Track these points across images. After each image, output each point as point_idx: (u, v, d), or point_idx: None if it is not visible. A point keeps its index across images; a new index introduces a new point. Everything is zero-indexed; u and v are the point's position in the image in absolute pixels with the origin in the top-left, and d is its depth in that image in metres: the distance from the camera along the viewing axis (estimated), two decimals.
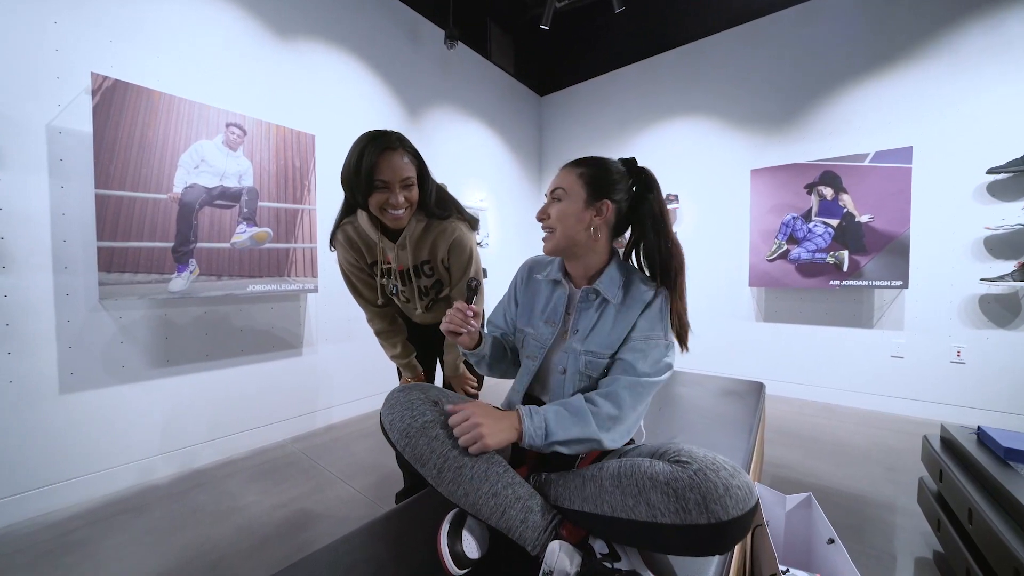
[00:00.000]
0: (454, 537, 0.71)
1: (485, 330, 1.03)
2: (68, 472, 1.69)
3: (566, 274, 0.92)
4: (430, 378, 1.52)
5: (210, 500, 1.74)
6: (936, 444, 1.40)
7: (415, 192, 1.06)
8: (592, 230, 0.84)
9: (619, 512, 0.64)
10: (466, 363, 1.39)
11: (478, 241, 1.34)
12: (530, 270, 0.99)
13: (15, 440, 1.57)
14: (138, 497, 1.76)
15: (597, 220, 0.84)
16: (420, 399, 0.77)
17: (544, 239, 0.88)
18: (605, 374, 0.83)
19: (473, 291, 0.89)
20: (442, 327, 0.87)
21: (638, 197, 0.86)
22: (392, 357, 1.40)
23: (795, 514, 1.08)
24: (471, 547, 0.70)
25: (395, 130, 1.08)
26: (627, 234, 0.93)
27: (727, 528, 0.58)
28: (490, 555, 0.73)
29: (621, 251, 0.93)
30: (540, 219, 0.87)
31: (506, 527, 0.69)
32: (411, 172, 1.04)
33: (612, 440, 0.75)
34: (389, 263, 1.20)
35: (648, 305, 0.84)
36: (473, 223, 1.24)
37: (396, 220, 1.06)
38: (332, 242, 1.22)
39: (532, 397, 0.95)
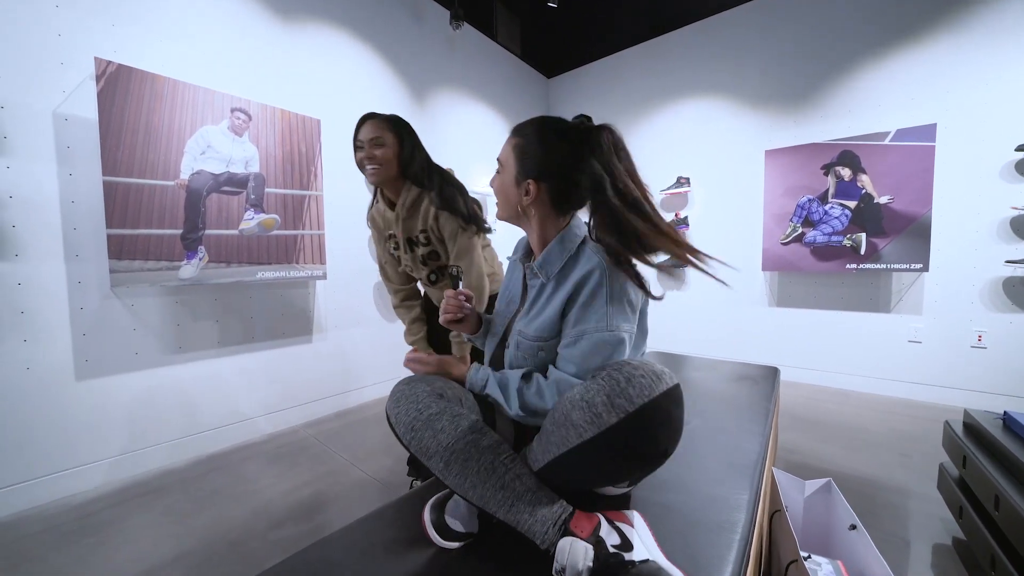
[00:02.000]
0: (437, 511, 0.73)
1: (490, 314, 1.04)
2: (88, 456, 1.72)
3: (527, 253, 0.89)
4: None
5: (226, 483, 1.77)
6: (959, 429, 1.36)
7: (385, 152, 1.24)
8: (520, 207, 0.80)
9: (560, 448, 0.64)
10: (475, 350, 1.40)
11: (486, 225, 1.38)
12: (513, 253, 0.98)
13: (35, 425, 1.60)
14: (156, 480, 1.80)
15: (525, 200, 0.79)
16: (425, 392, 0.75)
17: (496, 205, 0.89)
18: (546, 361, 0.79)
19: (456, 278, 0.94)
20: (440, 320, 0.90)
21: (584, 160, 0.74)
22: (404, 334, 1.53)
23: (814, 500, 1.06)
24: (456, 520, 0.72)
25: (401, 116, 1.28)
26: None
27: (641, 418, 0.57)
28: (490, 533, 0.74)
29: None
30: (491, 185, 0.87)
31: (515, 520, 0.66)
32: (380, 133, 1.23)
33: (536, 416, 0.77)
34: (395, 235, 1.37)
35: (579, 286, 0.73)
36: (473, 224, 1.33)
37: (373, 175, 1.25)
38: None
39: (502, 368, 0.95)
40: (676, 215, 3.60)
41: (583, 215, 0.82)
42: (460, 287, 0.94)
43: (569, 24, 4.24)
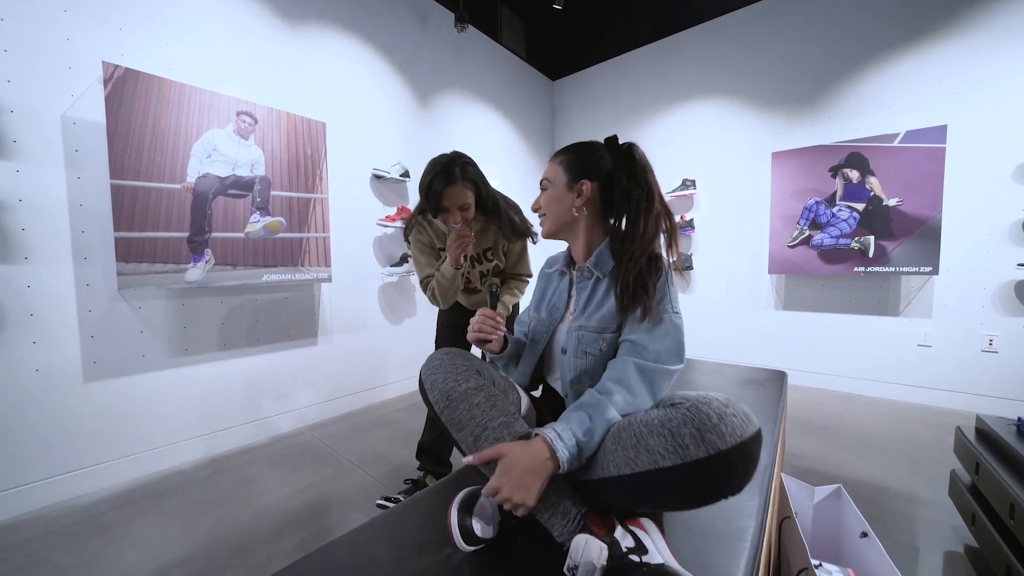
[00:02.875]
0: (464, 514, 0.71)
1: (513, 332, 1.09)
2: (96, 458, 1.73)
3: (570, 262, 0.96)
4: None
5: (232, 486, 1.78)
6: (971, 435, 1.34)
7: (471, 211, 1.33)
8: (575, 210, 0.87)
9: (624, 469, 0.63)
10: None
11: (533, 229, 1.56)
12: (545, 267, 1.04)
13: (43, 427, 1.61)
14: (163, 482, 1.80)
15: (578, 200, 0.86)
16: (465, 365, 0.79)
17: (540, 225, 0.96)
18: (609, 353, 0.81)
19: (495, 296, 0.96)
20: (469, 336, 0.91)
21: (617, 172, 0.85)
22: (438, 277, 1.44)
23: (824, 506, 1.05)
24: (483, 526, 0.70)
25: (458, 156, 1.31)
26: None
27: (728, 457, 0.56)
28: (502, 537, 0.72)
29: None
30: (534, 210, 0.95)
31: (537, 508, 0.67)
32: (468, 199, 1.30)
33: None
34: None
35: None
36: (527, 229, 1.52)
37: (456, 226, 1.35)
38: (407, 232, 1.51)
39: (538, 378, 0.98)
40: (682, 217, 3.58)
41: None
42: (497, 307, 0.95)
43: (574, 26, 4.24)
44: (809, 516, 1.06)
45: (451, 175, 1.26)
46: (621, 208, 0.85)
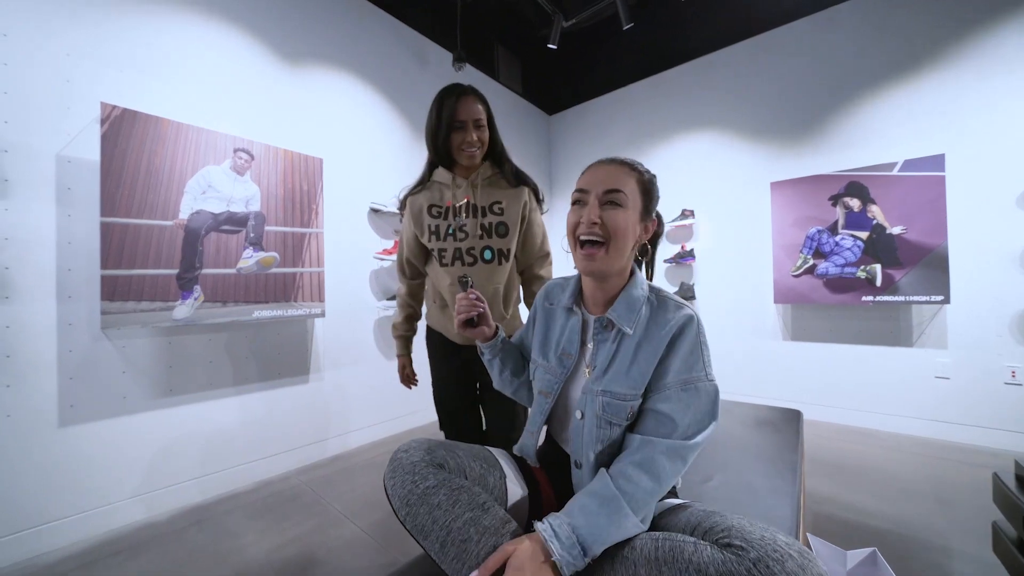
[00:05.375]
0: None
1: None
2: (64, 509, 1.62)
3: (579, 300, 0.82)
4: (466, 402, 1.37)
5: (208, 540, 1.65)
6: (1010, 482, 1.23)
7: (486, 134, 1.19)
8: (634, 247, 0.75)
9: None
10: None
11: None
12: (546, 296, 0.90)
13: (11, 477, 1.51)
14: (135, 536, 1.68)
15: (644, 237, 0.77)
16: (423, 461, 0.68)
17: (587, 254, 0.71)
18: (631, 421, 0.71)
19: (466, 284, 0.89)
20: (456, 322, 0.86)
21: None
22: (393, 325, 1.47)
23: (858, 573, 0.93)
24: None
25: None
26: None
27: None
28: None
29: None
30: (592, 224, 0.70)
31: None
32: (482, 115, 1.18)
33: (650, 521, 0.65)
34: (450, 204, 1.24)
35: (679, 336, 0.70)
36: (538, 192, 1.34)
37: (471, 159, 1.19)
38: (401, 208, 1.34)
39: (551, 441, 0.85)
40: (682, 247, 3.55)
41: None
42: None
43: (569, 63, 4.37)
44: None
45: (462, 87, 1.17)
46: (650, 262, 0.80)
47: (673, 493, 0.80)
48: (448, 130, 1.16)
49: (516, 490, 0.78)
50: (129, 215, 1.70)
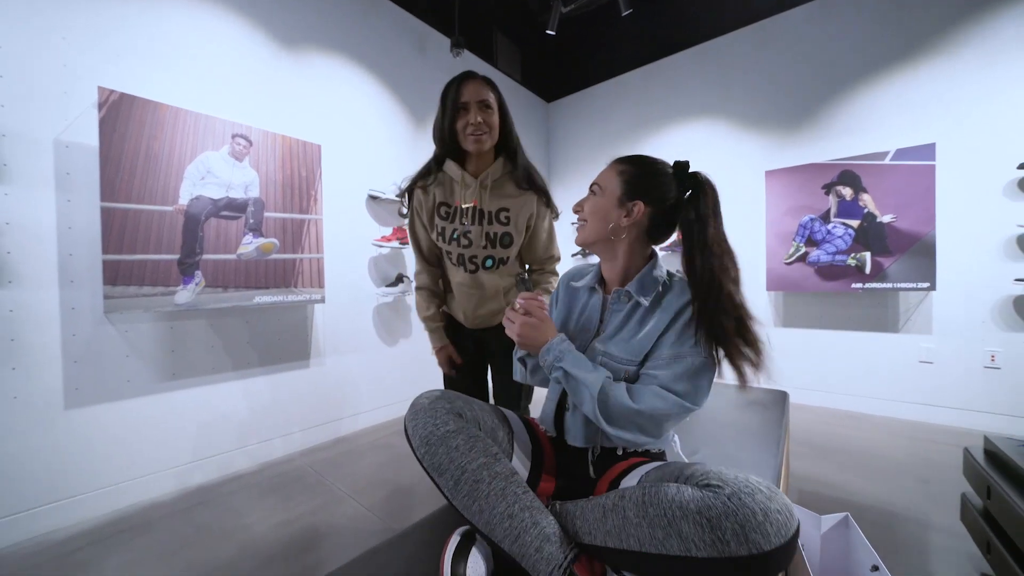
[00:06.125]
0: (459, 558, 0.68)
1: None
2: (72, 489, 1.66)
3: (601, 280, 0.92)
4: (479, 384, 1.42)
5: (215, 518, 1.70)
6: (979, 457, 1.30)
7: (493, 118, 1.13)
8: (615, 228, 0.82)
9: (647, 547, 0.58)
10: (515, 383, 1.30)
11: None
12: (570, 279, 0.98)
13: (19, 457, 1.55)
14: (142, 515, 1.73)
15: (625, 220, 0.82)
16: (444, 408, 0.76)
17: (577, 230, 0.90)
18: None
19: (527, 282, 0.91)
20: (518, 330, 0.84)
21: (684, 202, 0.82)
22: (423, 318, 1.36)
23: (832, 536, 1.00)
24: (476, 568, 0.66)
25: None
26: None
27: (771, 557, 0.52)
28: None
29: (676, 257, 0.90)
30: (575, 211, 0.89)
31: (519, 553, 0.64)
32: (488, 96, 1.12)
33: (609, 418, 0.74)
34: (459, 205, 1.21)
35: (681, 314, 0.78)
36: (549, 199, 1.28)
37: (478, 143, 1.12)
38: (404, 197, 1.29)
39: (564, 407, 0.91)
40: (678, 236, 3.59)
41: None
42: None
43: (568, 50, 4.35)
44: (816, 547, 1.01)
45: (470, 72, 1.14)
46: (687, 250, 0.79)
47: (661, 458, 0.85)
48: (453, 114, 1.12)
49: (520, 449, 0.85)
50: (129, 200, 1.71)
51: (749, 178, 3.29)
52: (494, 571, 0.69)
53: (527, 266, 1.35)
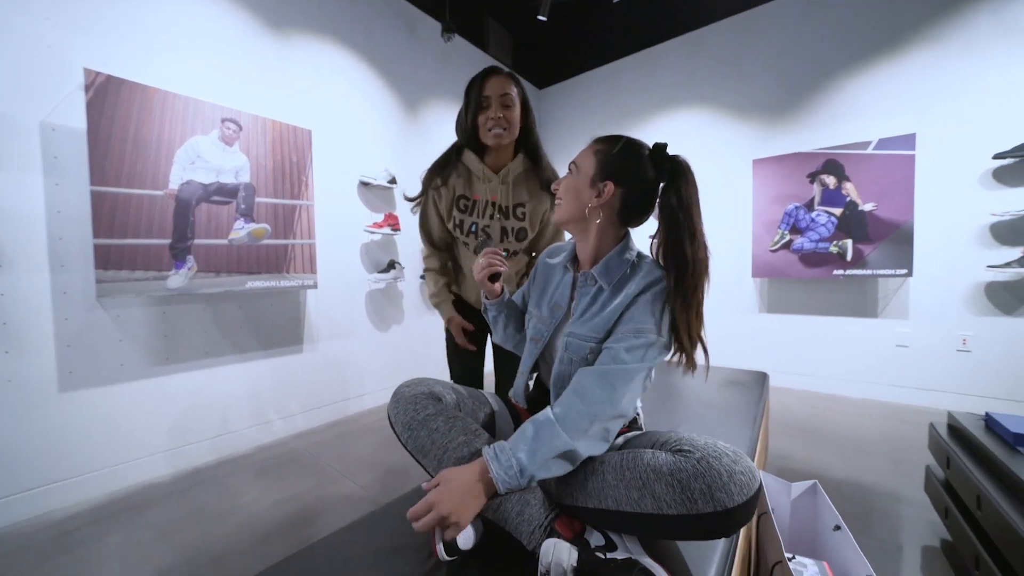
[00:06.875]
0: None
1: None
2: (69, 471, 1.69)
3: (574, 259, 0.92)
4: (477, 357, 1.44)
5: (211, 498, 1.74)
6: (943, 431, 1.38)
7: (514, 113, 1.14)
8: (587, 209, 0.81)
9: (624, 506, 0.63)
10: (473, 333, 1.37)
11: None
12: (547, 256, 0.99)
13: (15, 439, 1.57)
14: (139, 495, 1.76)
15: (595, 200, 0.80)
16: (423, 395, 0.81)
17: (554, 209, 0.89)
18: (591, 362, 0.79)
19: (487, 236, 1.03)
20: (477, 276, 0.92)
21: (663, 187, 0.79)
22: (432, 294, 1.39)
23: (801, 502, 1.07)
24: (465, 536, 0.70)
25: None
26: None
27: (733, 514, 0.58)
28: (483, 545, 0.73)
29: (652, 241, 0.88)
30: (553, 190, 0.88)
31: (502, 518, 0.69)
32: (510, 91, 1.12)
33: (588, 446, 0.68)
34: (477, 199, 1.24)
35: (641, 293, 0.76)
36: None
37: (498, 138, 1.14)
38: (420, 194, 1.30)
39: (540, 386, 0.95)
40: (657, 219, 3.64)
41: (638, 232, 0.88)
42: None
43: (559, 36, 4.33)
44: (787, 511, 1.08)
45: (495, 68, 1.15)
46: (670, 236, 0.76)
47: (637, 427, 0.91)
48: (476, 109, 1.14)
49: (502, 427, 0.90)
50: (119, 184, 1.71)
51: (737, 166, 3.34)
52: (483, 534, 0.73)
53: (532, 254, 1.39)
